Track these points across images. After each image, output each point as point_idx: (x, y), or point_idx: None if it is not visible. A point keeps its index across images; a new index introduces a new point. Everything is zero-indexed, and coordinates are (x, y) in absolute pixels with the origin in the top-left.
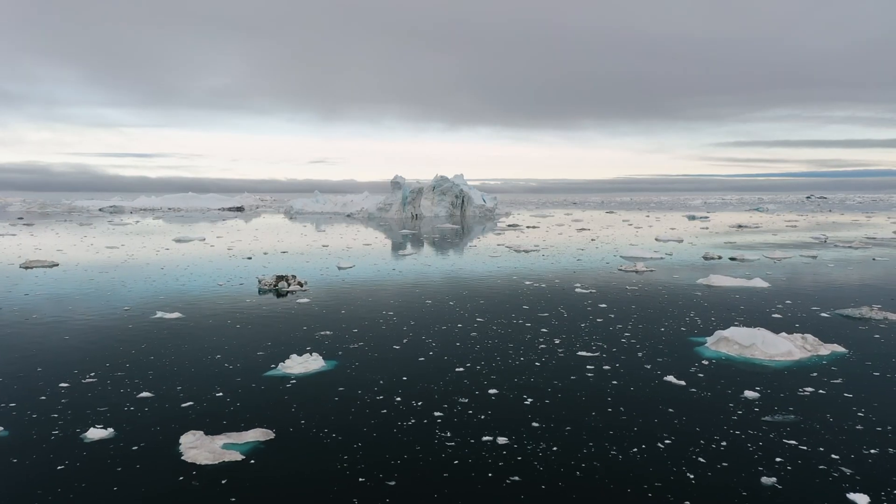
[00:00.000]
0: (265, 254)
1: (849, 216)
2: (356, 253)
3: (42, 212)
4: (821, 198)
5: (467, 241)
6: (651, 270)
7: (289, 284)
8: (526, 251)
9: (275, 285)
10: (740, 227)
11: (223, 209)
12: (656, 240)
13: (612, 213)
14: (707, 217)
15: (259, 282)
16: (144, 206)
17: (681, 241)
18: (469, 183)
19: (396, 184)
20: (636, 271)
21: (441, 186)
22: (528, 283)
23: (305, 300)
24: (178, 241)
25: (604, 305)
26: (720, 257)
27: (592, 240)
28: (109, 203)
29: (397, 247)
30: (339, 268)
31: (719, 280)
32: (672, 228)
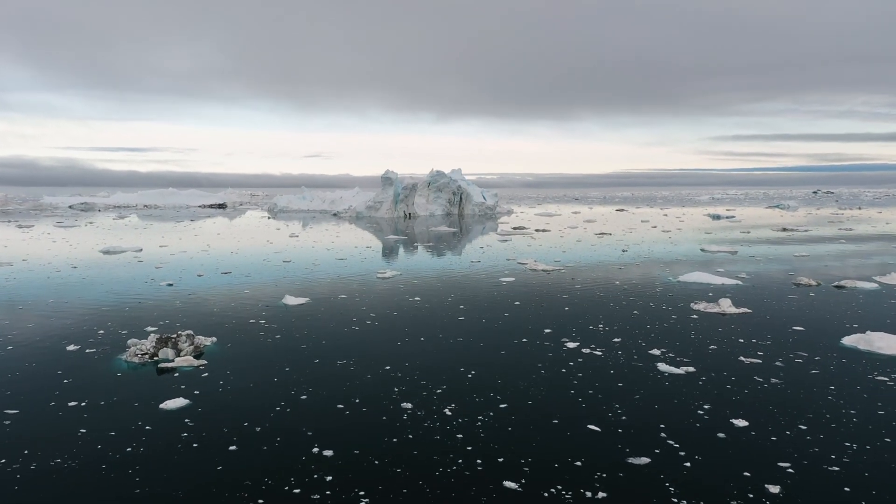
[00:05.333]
0: (199, 276)
1: (889, 213)
2: (323, 272)
3: (2, 209)
4: (828, 193)
5: (468, 254)
6: (745, 312)
7: (178, 352)
8: (546, 271)
9: (153, 355)
10: (784, 230)
11: (203, 206)
12: (702, 250)
13: (622, 210)
14: (733, 216)
15: (127, 350)
16: (118, 202)
17: (734, 252)
18: (466, 178)
19: (388, 179)
20: (722, 314)
21: (437, 182)
22: (570, 345)
23: (181, 402)
24: (106, 252)
25: (743, 424)
26: (818, 283)
27: (624, 251)
28: (81, 199)
29: (378, 262)
30: (286, 305)
31: (889, 342)
32: (707, 232)
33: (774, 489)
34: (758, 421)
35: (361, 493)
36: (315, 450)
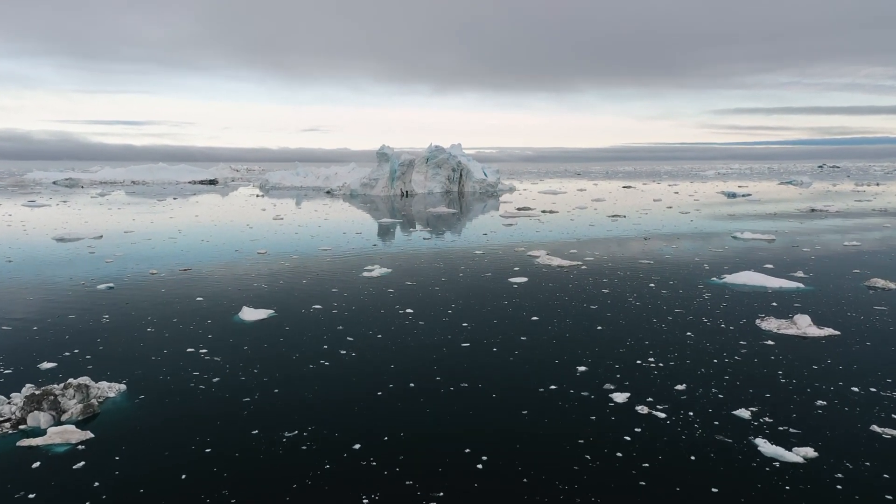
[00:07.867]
0: (153, 273)
1: None
2: (300, 270)
3: None
4: (833, 167)
5: (470, 242)
6: (832, 334)
7: (58, 415)
8: (562, 267)
9: (20, 421)
10: (813, 210)
11: (193, 182)
12: (734, 238)
13: (629, 187)
14: (749, 194)
15: None
16: (106, 178)
17: (771, 240)
18: (466, 153)
19: (384, 155)
20: (803, 337)
21: (436, 158)
22: (618, 398)
23: None
24: (60, 240)
25: None
26: None
27: (645, 239)
28: (68, 175)
29: (367, 254)
30: (242, 321)
31: None
32: (729, 214)
33: None
34: None
35: None
36: None
